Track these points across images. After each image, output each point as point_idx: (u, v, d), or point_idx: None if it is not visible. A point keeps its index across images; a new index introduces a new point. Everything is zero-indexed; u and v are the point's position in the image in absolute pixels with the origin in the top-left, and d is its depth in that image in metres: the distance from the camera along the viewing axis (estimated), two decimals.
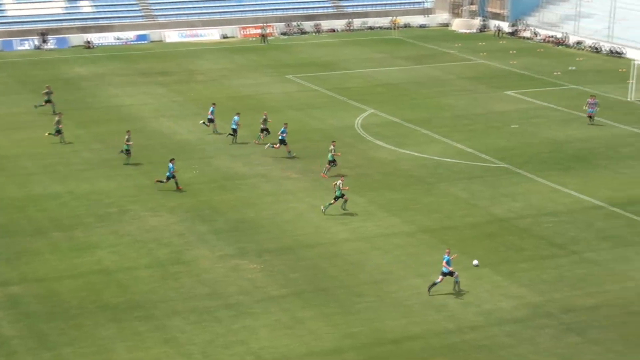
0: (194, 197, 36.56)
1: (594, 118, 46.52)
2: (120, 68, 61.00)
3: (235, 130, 43.35)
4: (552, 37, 69.77)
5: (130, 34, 70.36)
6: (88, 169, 39.77)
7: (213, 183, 38.24)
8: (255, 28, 73.05)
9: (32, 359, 24.47)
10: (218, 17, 73.80)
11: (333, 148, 38.85)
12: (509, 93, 53.71)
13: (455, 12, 79.60)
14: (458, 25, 76.21)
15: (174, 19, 72.90)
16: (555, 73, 58.79)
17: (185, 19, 73.06)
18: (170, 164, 36.84)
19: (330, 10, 76.80)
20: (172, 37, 71.26)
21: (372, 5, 77.96)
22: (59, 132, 43.09)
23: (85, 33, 69.47)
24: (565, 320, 26.37)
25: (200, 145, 43.33)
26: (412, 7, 78.70)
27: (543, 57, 64.65)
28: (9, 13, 70.56)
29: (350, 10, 77.12)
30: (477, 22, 76.03)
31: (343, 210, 34.60)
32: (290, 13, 75.30)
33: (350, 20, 75.53)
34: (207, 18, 73.50)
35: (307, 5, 76.58)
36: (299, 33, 73.62)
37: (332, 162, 38.76)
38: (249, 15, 74.47)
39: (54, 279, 29.03)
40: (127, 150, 40.25)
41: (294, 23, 74.15)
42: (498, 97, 52.87)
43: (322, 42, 70.79)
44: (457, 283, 28.13)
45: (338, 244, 31.91)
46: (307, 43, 70.20)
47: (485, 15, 76.61)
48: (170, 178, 36.82)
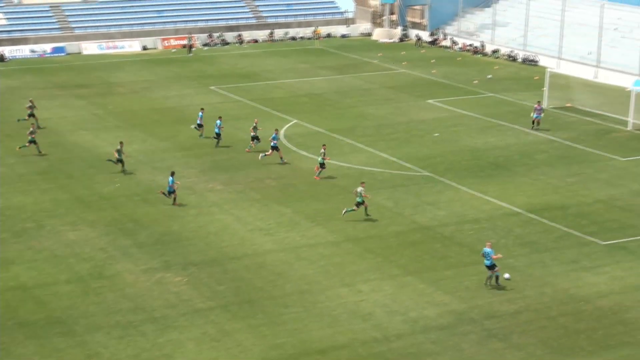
0: (116, 210, 36.02)
1: (540, 123, 47.60)
2: (36, 81, 59.76)
3: (219, 135, 44.06)
4: (470, 45, 71.20)
5: (46, 47, 68.95)
6: (3, 184, 38.81)
7: (136, 196, 37.76)
8: (176, 39, 72.51)
9: None
10: (138, 28, 73.00)
11: (323, 151, 39.59)
12: (431, 102, 54.56)
13: (377, 22, 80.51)
14: (379, 35, 77.10)
15: (92, 31, 71.73)
16: (474, 82, 59.98)
17: (104, 31, 72.00)
18: (171, 177, 36.27)
19: (252, 21, 76.77)
20: (90, 49, 70.12)
21: (293, 16, 78.25)
22: (34, 142, 42.70)
23: None
24: (488, 326, 26.85)
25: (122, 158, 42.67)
26: (333, 17, 79.29)
27: (462, 65, 65.90)
28: None
29: (272, 21, 77.24)
30: (398, 31, 77.06)
31: (366, 217, 34.90)
32: (212, 24, 74.96)
33: (272, 31, 75.65)
34: (126, 30, 72.62)
35: (228, 16, 76.34)
36: (221, 44, 73.37)
37: (322, 165, 39.49)
38: (170, 27, 73.86)
39: None
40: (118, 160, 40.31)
41: (216, 34, 73.86)
42: (420, 105, 53.65)
43: (244, 53, 70.69)
44: (497, 277, 28.92)
45: (264, 255, 31.88)
46: (229, 54, 70.00)
47: (406, 25, 77.71)
48: (172, 193, 36.12)
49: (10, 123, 49.02)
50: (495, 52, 69.15)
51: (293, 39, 75.98)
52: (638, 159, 43.14)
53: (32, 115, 47.68)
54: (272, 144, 41.63)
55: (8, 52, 67.44)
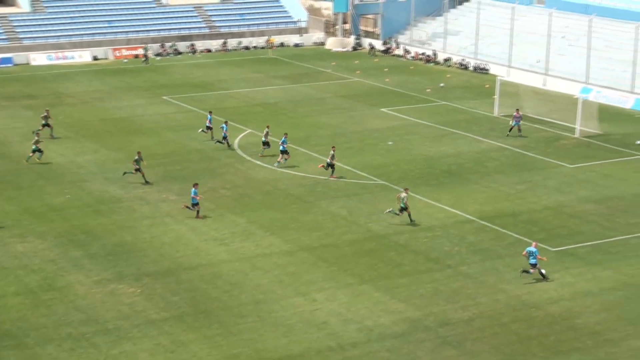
0: (67, 221, 35.61)
1: (520, 130, 48.35)
2: None
3: (225, 138, 45.60)
4: (422, 54, 71.85)
5: None
6: None
7: (87, 207, 37.37)
8: (128, 49, 71.93)
9: None
10: (88, 38, 72.17)
11: (333, 153, 40.61)
12: (384, 110, 54.91)
13: (330, 31, 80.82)
14: (332, 44, 77.41)
15: (41, 42, 70.72)
16: (427, 90, 60.53)
17: (53, 41, 71.01)
18: (193, 189, 35.89)
19: (205, 31, 76.50)
20: (39, 59, 69.11)
21: (247, 26, 78.19)
22: (39, 150, 43.00)
23: None
24: (442, 334, 27.07)
25: (72, 169, 42.32)
26: (286, 26, 79.40)
27: (415, 74, 66.46)
28: None
29: (225, 31, 77.05)
30: (351, 40, 77.45)
31: (410, 221, 35.37)
32: (164, 34, 74.49)
33: (226, 41, 75.47)
34: (76, 40, 71.73)
35: (181, 26, 75.94)
36: (174, 54, 72.98)
37: (330, 165, 40.62)
38: (122, 37, 73.22)
39: None
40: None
41: (168, 44, 73.45)
42: (374, 114, 53.95)
43: (197, 62, 70.44)
44: (542, 274, 30.20)
45: (218, 265, 31.76)
46: (182, 64, 69.70)
47: (359, 34, 78.15)
48: (195, 205, 35.75)
49: None
50: (447, 60, 69.88)
51: (246, 49, 75.93)
52: (585, 166, 43.92)
53: (46, 125, 47.55)
54: (280, 148, 42.65)
55: None
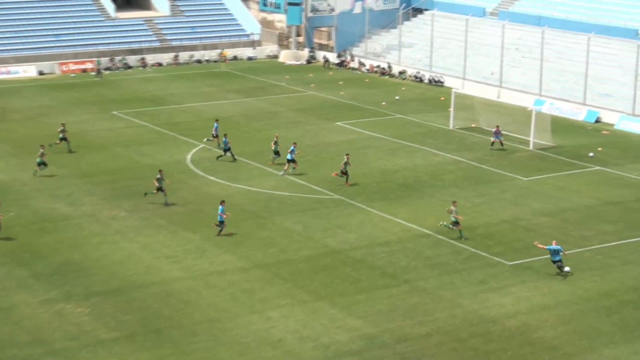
0: (11, 240, 34.98)
1: (502, 144, 48.88)
2: None
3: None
4: (377, 67, 72.23)
5: None
6: None
7: (32, 225, 36.77)
8: (75, 64, 71.07)
9: None
10: (34, 53, 71.11)
11: (346, 160, 41.88)
12: (339, 124, 55.02)
13: (283, 44, 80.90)
14: (286, 57, 77.47)
15: None
16: (383, 103, 60.82)
17: None
18: (220, 207, 35.63)
19: (156, 44, 75.98)
20: None
21: (199, 39, 77.84)
22: (44, 164, 43.31)
23: None
24: (400, 350, 27.05)
25: (16, 186, 41.63)
26: (239, 39, 79.25)
27: (370, 87, 66.76)
28: None
29: (177, 44, 76.62)
30: (305, 53, 77.58)
31: (459, 238, 35.67)
32: (114, 47, 73.80)
33: (177, 54, 75.05)
34: (21, 54, 70.66)
35: (130, 39, 75.28)
36: (124, 68, 72.35)
37: (344, 173, 41.82)
38: (69, 51, 72.29)
39: None
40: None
41: (118, 58, 72.77)
42: (329, 128, 54.02)
43: (148, 76, 69.95)
44: (561, 267, 32.11)
45: (171, 283, 31.44)
46: (132, 78, 69.13)
47: (313, 47, 78.33)
48: (222, 223, 35.40)
49: None
50: (402, 73, 70.34)
51: (199, 62, 75.60)
52: (539, 179, 44.42)
53: (64, 139, 47.53)
54: (288, 157, 43.54)
55: None
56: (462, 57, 67.22)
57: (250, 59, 77.72)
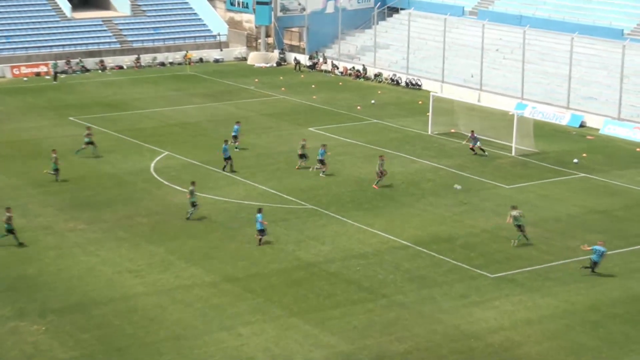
0: None
1: (483, 149, 49.50)
2: None
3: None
4: (351, 69, 72.52)
5: None
6: None
7: None
8: (28, 67, 70.61)
9: None
10: None
11: (382, 162, 43.67)
12: (312, 129, 55.15)
13: (252, 45, 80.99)
14: (255, 59, 77.56)
15: None
16: (357, 107, 61.06)
17: None
18: (259, 214, 36.17)
19: (116, 46, 75.73)
20: None
21: (162, 40, 77.70)
22: (56, 170, 43.91)
23: None
24: None
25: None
26: (205, 40, 79.23)
27: (344, 90, 67.00)
28: None
29: (138, 46, 76.41)
30: (275, 55, 77.74)
31: (525, 242, 36.51)
32: (70, 50, 73.39)
33: (139, 56, 74.84)
34: None
35: (88, 41, 74.92)
36: (81, 71, 71.98)
37: (382, 172, 43.58)
38: (21, 53, 71.82)
39: None
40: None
41: (74, 60, 72.40)
42: (301, 134, 54.07)
43: (108, 80, 69.68)
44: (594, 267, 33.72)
45: (134, 299, 31.35)
46: (90, 82, 68.84)
47: (283, 48, 78.49)
48: (262, 231, 36.24)
49: None
50: (378, 76, 70.68)
51: (162, 65, 75.46)
52: (522, 186, 44.82)
53: (90, 143, 48.13)
54: (319, 158, 45.51)
55: None
56: (440, 58, 67.69)
57: (217, 62, 77.70)
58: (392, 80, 69.79)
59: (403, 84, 68.96)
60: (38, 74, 70.36)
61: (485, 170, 47.19)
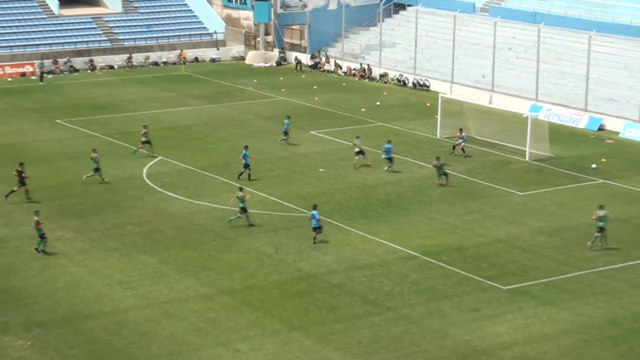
0: None
1: (464, 150, 50.32)
2: None
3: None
4: (355, 69, 72.57)
5: None
6: None
7: None
8: (13, 67, 70.70)
9: None
10: None
11: (442, 163, 44.71)
12: (314, 133, 55.19)
13: (250, 43, 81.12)
14: (253, 59, 77.67)
15: None
16: (362, 109, 61.10)
17: None
18: (314, 211, 37.30)
19: (106, 45, 75.86)
20: None
21: (155, 38, 77.84)
22: (97, 169, 44.82)
23: None
24: None
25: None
26: (201, 39, 79.38)
27: (347, 92, 67.07)
28: None
29: (130, 44, 76.54)
30: (274, 54, 77.84)
31: (605, 248, 37.02)
32: (57, 49, 73.49)
33: (131, 56, 74.96)
34: None
35: (77, 39, 75.04)
36: (69, 71, 72.08)
37: (445, 174, 44.63)
38: (5, 53, 71.92)
39: None
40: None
41: (62, 60, 72.51)
42: (302, 137, 54.17)
43: (98, 81, 69.80)
44: None
45: (125, 312, 31.36)
46: (79, 82, 68.97)
47: (283, 47, 78.59)
48: (317, 228, 37.27)
49: None
50: (384, 76, 70.74)
51: (155, 65, 75.57)
52: (537, 193, 44.81)
53: (147, 142, 49.26)
54: (386, 156, 47.09)
55: None
56: (449, 58, 67.73)
57: (214, 61, 77.82)
58: (398, 81, 69.83)
59: (410, 85, 68.99)
60: (23, 74, 70.46)
61: (498, 176, 47.18)
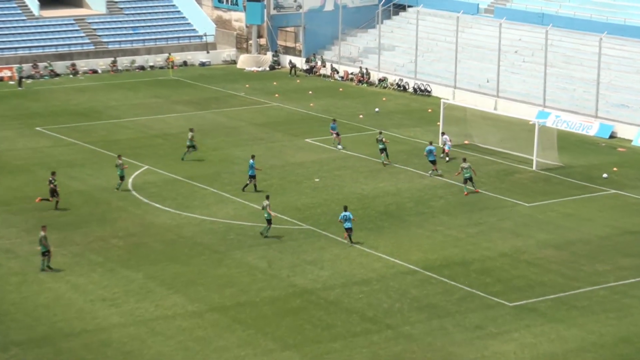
0: None
1: (448, 155, 51.12)
2: None
3: (254, 177, 47.56)
4: (353, 74, 72.69)
5: None
6: None
7: None
8: None
9: None
10: None
11: (469, 165, 45.57)
12: (309, 141, 55.25)
13: (242, 47, 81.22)
14: (246, 63, 77.77)
15: None
16: (360, 116, 61.18)
17: None
18: (347, 213, 38.60)
19: (89, 48, 75.88)
20: None
21: (141, 41, 77.91)
22: (122, 177, 45.49)
23: None
24: None
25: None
26: (190, 42, 79.47)
27: (345, 97, 67.16)
28: None
29: (115, 47, 76.60)
30: (268, 58, 77.94)
31: None
32: (37, 52, 73.49)
33: (115, 59, 75.01)
34: None
35: (58, 42, 75.05)
36: (50, 76, 72.09)
37: (470, 179, 45.71)
38: None
39: None
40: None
41: (42, 64, 72.52)
42: (296, 145, 54.23)
43: (80, 86, 69.84)
44: None
45: (108, 331, 31.33)
46: (60, 88, 68.98)
47: (277, 50, 78.71)
48: (351, 229, 38.75)
49: None
50: (383, 80, 70.87)
51: (141, 69, 75.64)
52: (544, 204, 44.84)
53: (192, 147, 50.66)
54: (430, 158, 48.20)
55: None
56: (452, 61, 67.87)
57: (203, 65, 77.91)
58: (398, 86, 69.95)
59: (410, 90, 69.11)
60: (1, 79, 70.44)
61: (503, 187, 47.25)
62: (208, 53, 79.08)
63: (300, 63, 76.27)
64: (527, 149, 51.36)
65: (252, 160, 45.65)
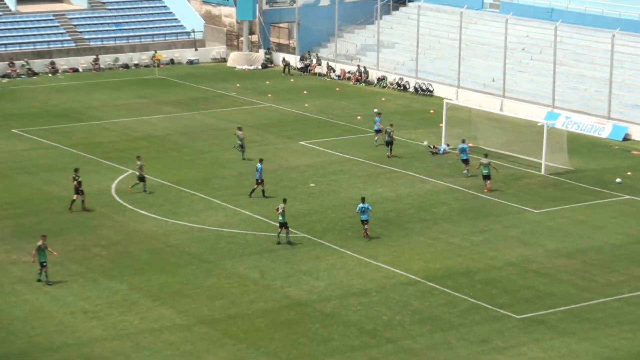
0: None
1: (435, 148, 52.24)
2: None
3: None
4: (350, 72, 72.75)
5: None
6: None
7: None
8: None
9: None
10: None
11: (488, 161, 46.87)
12: (303, 143, 55.29)
13: (233, 44, 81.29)
14: (236, 61, 77.83)
15: None
16: (358, 117, 61.25)
17: None
18: (364, 204, 39.76)
19: (70, 45, 75.86)
20: None
21: (125, 38, 77.95)
22: (142, 179, 45.94)
23: None
24: None
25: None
26: (177, 38, 79.52)
27: (341, 97, 67.23)
28: None
29: (97, 44, 76.60)
30: (260, 55, 78.01)
31: None
32: (14, 49, 73.43)
33: (97, 57, 75.01)
34: None
35: (36, 39, 75.02)
36: (27, 75, 72.05)
37: (488, 175, 46.67)
38: None
39: None
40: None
41: (19, 62, 72.51)
42: (290, 148, 54.26)
43: (60, 85, 69.85)
44: None
45: (90, 345, 31.33)
46: (38, 87, 68.99)
47: (270, 48, 78.78)
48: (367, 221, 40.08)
49: None
50: (382, 79, 70.94)
51: (125, 67, 75.66)
52: (554, 211, 44.91)
53: (241, 146, 51.54)
54: (463, 157, 49.09)
55: None
56: (455, 59, 67.97)
57: (192, 63, 77.97)
58: (398, 85, 70.03)
59: (411, 90, 69.19)
60: None
61: (510, 192, 47.31)
62: (196, 50, 79.12)
63: (295, 61, 76.32)
64: (535, 152, 51.43)
65: (259, 165, 45.49)
